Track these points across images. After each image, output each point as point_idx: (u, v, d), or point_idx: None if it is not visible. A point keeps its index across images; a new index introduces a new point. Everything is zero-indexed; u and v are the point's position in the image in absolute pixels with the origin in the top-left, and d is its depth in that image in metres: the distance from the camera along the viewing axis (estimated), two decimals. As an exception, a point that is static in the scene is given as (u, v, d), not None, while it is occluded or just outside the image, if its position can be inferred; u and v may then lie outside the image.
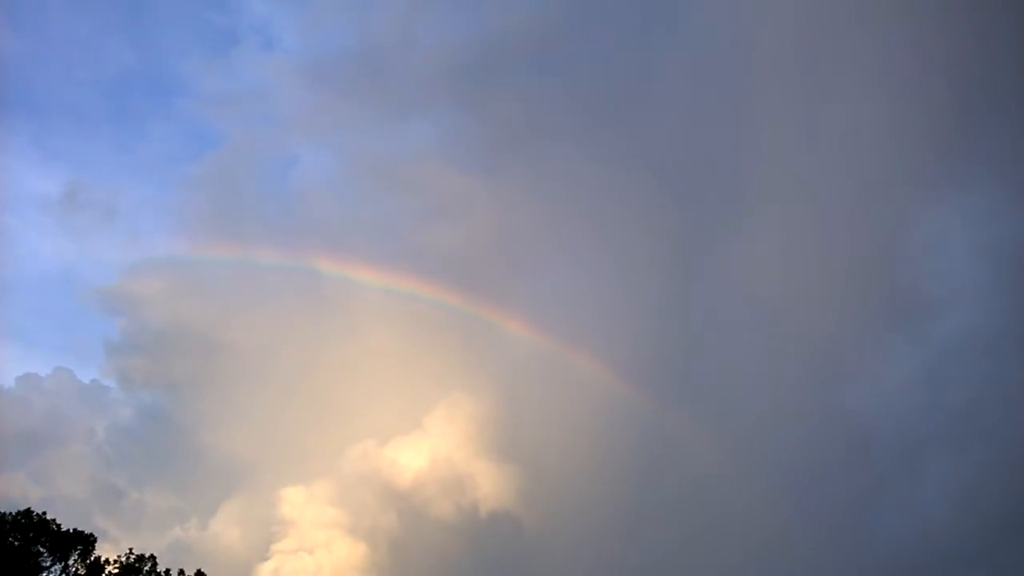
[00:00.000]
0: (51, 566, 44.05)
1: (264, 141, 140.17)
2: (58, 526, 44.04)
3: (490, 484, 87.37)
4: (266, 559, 77.62)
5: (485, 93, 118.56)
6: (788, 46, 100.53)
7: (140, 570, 46.24)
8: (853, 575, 76.03)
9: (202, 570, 48.63)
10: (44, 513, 44.19)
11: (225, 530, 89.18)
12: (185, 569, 48.25)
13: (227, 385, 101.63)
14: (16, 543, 43.06)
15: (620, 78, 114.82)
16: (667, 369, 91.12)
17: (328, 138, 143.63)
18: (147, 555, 46.35)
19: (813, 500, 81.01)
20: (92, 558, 44.80)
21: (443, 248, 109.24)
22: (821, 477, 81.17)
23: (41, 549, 43.80)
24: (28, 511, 43.96)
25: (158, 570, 46.45)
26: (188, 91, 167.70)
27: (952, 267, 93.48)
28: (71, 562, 44.04)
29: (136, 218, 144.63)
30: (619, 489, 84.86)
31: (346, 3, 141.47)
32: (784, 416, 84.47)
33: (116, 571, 45.69)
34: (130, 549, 46.45)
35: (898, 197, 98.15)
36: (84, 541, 44.57)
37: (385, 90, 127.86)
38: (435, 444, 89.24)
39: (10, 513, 43.35)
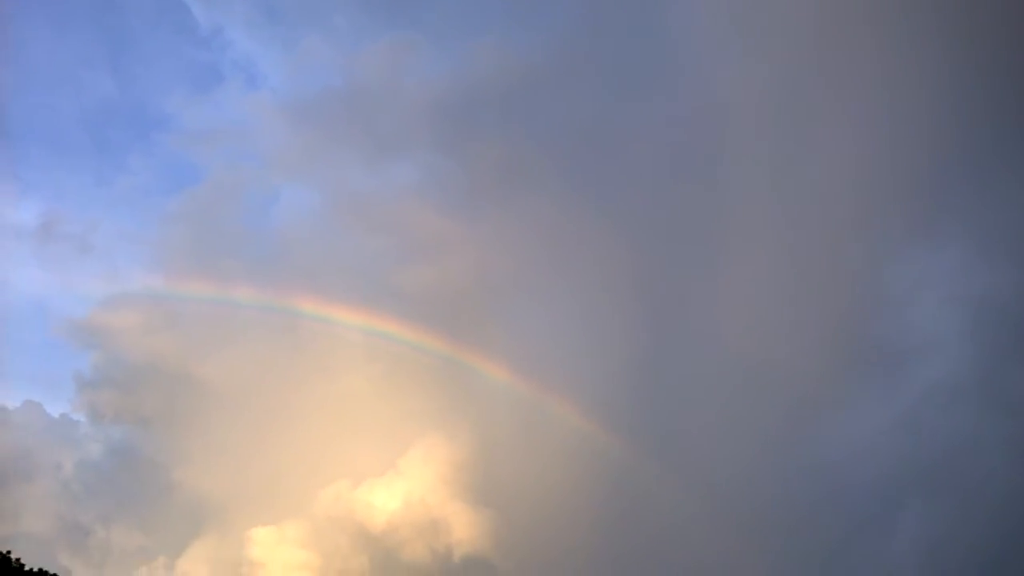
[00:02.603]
0: (14, 606, 43.22)
1: (245, 178, 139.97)
2: (21, 565, 43.31)
3: (465, 528, 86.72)
4: (234, 601, 76.68)
5: (467, 136, 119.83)
6: (765, 99, 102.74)
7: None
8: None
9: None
10: (9, 552, 43.59)
11: (193, 570, 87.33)
12: (151, 611, 47.68)
13: (200, 422, 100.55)
14: (-22, 582, 42.28)
15: (601, 126, 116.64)
16: (644, 416, 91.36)
17: (310, 177, 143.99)
18: (112, 596, 45.69)
19: (785, 548, 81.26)
20: (56, 598, 44.18)
21: (422, 289, 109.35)
22: (793, 526, 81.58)
23: (4, 589, 42.97)
24: (-8, 549, 43.31)
25: (123, 611, 45.91)
26: (169, 126, 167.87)
27: (926, 318, 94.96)
28: (34, 602, 43.23)
29: (113, 251, 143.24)
30: (594, 536, 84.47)
31: (331, 43, 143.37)
32: (757, 465, 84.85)
33: (79, 611, 45.08)
34: (96, 590, 45.87)
35: (873, 249, 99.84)
36: (49, 581, 43.98)
37: (368, 130, 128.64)
38: (410, 487, 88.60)
39: (-29, 552, 42.67)
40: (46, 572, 45.05)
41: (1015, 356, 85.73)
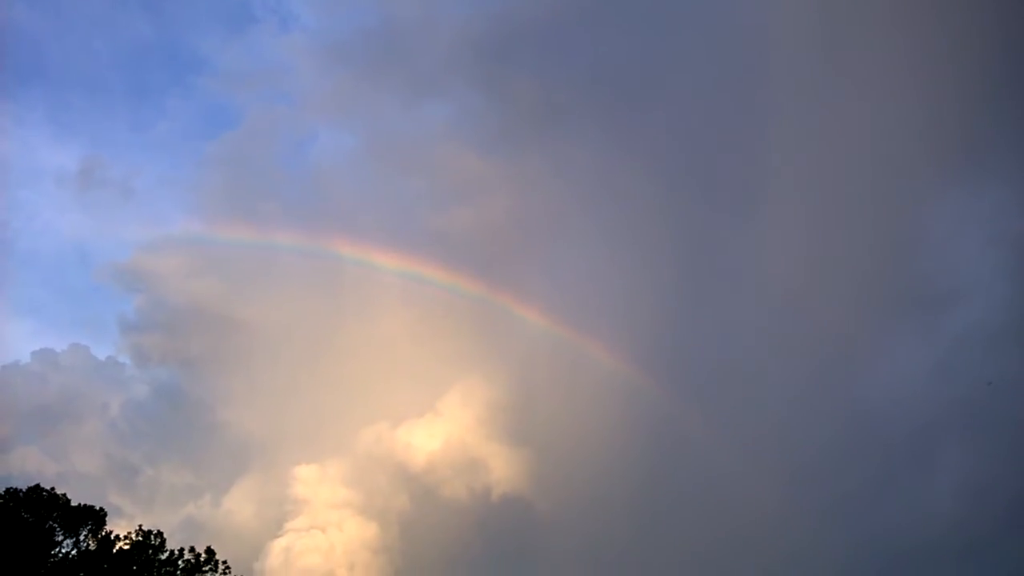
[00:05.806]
0: (63, 541, 44.83)
1: (282, 120, 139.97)
2: (68, 501, 44.70)
3: (502, 468, 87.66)
4: (278, 537, 78.27)
5: (504, 75, 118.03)
6: (805, 37, 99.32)
7: (151, 546, 46.81)
8: (861, 563, 75.97)
9: (213, 547, 49.20)
10: (53, 489, 44.93)
11: (238, 507, 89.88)
12: (197, 546, 48.80)
13: (242, 364, 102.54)
14: (29, 519, 43.79)
15: (639, 64, 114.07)
16: (680, 359, 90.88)
17: (346, 118, 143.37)
18: (155, 531, 46.95)
19: (822, 489, 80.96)
20: (103, 534, 45.59)
21: (459, 232, 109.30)
22: (831, 467, 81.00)
23: (53, 525, 44.49)
24: (37, 487, 44.69)
25: (167, 546, 47.16)
26: (206, 68, 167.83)
27: (966, 259, 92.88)
28: (82, 537, 44.73)
29: (153, 195, 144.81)
30: (631, 476, 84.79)
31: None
32: (794, 406, 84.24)
33: (127, 547, 46.43)
34: (139, 526, 47.20)
35: (912, 190, 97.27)
36: (94, 516, 45.23)
37: (404, 70, 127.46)
38: (448, 427, 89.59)
39: (21, 490, 44.10)
40: (92, 508, 46.60)
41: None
